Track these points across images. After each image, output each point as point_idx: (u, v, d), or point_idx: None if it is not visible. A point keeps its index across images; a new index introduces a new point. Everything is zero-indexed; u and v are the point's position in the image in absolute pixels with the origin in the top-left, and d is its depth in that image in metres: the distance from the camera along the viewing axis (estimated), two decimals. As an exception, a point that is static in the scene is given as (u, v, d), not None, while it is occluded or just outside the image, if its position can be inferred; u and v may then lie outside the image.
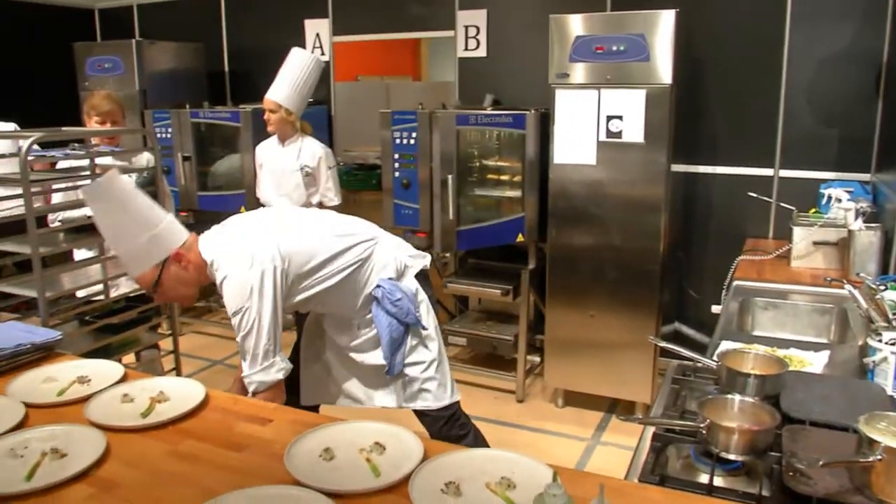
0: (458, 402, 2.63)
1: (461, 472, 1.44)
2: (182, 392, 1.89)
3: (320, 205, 4.13)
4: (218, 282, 2.25)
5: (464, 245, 4.19)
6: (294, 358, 2.67)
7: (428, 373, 2.54)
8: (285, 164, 4.03)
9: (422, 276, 2.60)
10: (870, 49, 3.83)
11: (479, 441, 2.70)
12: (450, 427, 2.60)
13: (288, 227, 2.40)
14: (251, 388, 2.22)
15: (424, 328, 2.52)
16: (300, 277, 2.30)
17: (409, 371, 2.52)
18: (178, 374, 3.41)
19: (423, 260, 2.64)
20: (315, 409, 2.72)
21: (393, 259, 2.51)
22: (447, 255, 4.29)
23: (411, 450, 1.54)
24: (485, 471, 1.44)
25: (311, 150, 4.05)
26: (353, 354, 2.57)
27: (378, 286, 2.43)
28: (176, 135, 5.09)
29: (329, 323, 2.61)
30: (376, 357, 2.51)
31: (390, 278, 2.46)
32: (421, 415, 2.60)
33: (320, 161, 4.06)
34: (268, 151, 4.13)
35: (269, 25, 5.59)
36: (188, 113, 5.05)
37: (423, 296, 2.55)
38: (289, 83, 3.94)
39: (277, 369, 2.22)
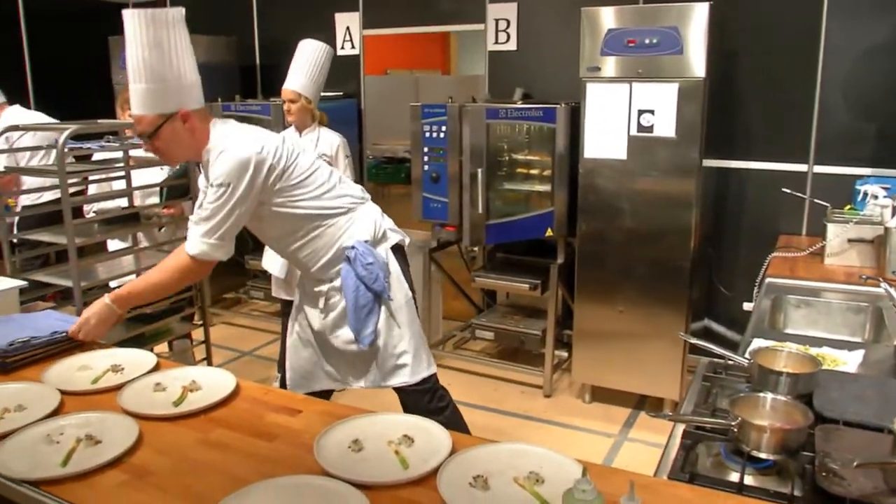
0: (435, 375, 2.65)
1: (489, 466, 1.44)
2: (213, 382, 1.92)
3: None
4: (212, 158, 2.24)
5: (492, 239, 4.18)
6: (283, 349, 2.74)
7: (401, 347, 2.54)
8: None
9: (399, 253, 2.62)
10: (908, 42, 3.75)
11: (457, 414, 2.74)
12: (430, 400, 2.62)
13: (302, 147, 2.48)
14: (192, 250, 2.25)
15: (391, 298, 2.50)
16: (287, 188, 2.33)
17: (381, 344, 2.52)
18: (209, 363, 3.46)
19: (402, 236, 2.67)
20: (327, 395, 2.78)
21: (373, 224, 2.52)
22: (475, 249, 4.29)
23: (440, 443, 1.54)
24: (513, 465, 1.44)
25: (328, 139, 4.05)
26: (327, 335, 2.59)
27: (353, 247, 2.43)
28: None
29: (303, 297, 2.66)
30: (347, 333, 2.51)
31: (366, 241, 2.47)
32: (402, 392, 2.62)
33: (338, 150, 4.06)
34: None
35: (299, 19, 5.61)
36: (220, 106, 5.09)
37: (395, 268, 2.56)
38: (304, 72, 3.93)
39: (225, 252, 2.31)
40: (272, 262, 4.11)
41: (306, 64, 3.96)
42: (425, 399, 2.61)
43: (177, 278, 2.32)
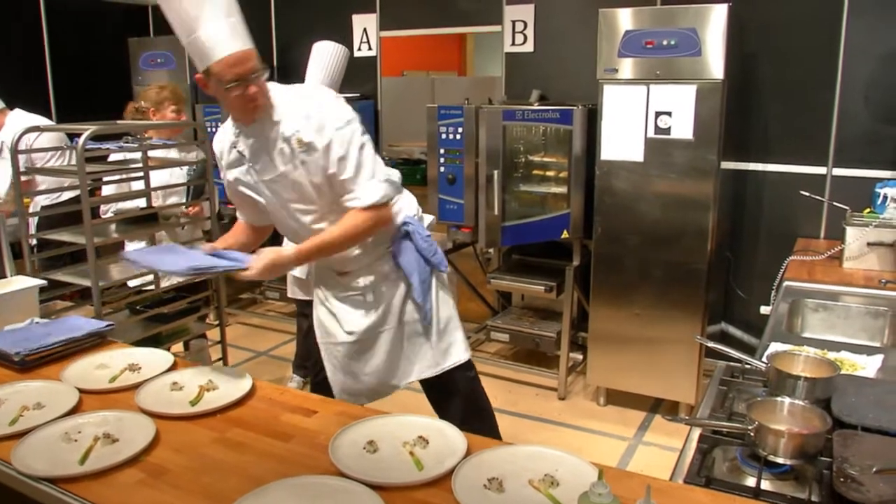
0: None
1: (504, 469, 1.44)
2: (229, 381, 1.93)
3: None
4: (305, 113, 2.08)
5: (508, 241, 4.17)
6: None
7: (452, 322, 2.51)
8: None
9: None
10: (930, 44, 3.71)
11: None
12: (475, 382, 2.60)
13: None
14: (370, 199, 2.10)
15: (444, 269, 2.46)
16: None
17: (435, 320, 2.46)
18: (225, 363, 3.48)
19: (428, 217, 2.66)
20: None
21: (415, 204, 2.52)
22: (490, 250, 4.29)
23: (455, 444, 1.54)
24: (528, 468, 1.44)
25: None
26: (378, 330, 2.45)
27: (407, 222, 2.38)
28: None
29: (329, 308, 2.49)
30: (411, 313, 2.43)
31: (413, 215, 2.43)
32: (450, 380, 2.53)
33: None
34: None
35: (316, 21, 5.63)
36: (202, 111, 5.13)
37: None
38: (320, 74, 3.91)
39: (398, 179, 2.21)
40: None
41: (321, 65, 3.97)
42: (475, 382, 2.56)
43: (364, 229, 2.17)
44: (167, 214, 3.46)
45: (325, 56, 3.95)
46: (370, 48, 5.47)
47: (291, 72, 5.82)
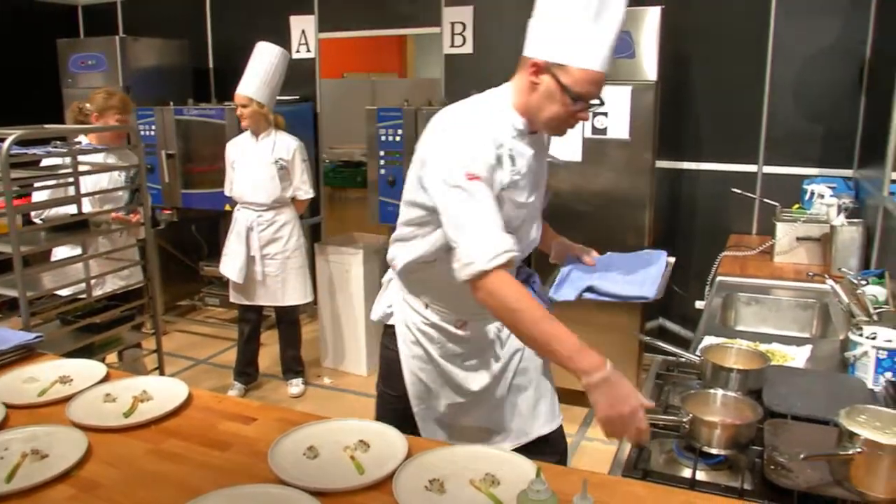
0: None
1: (445, 470, 1.43)
2: (165, 391, 1.88)
3: (294, 199, 4.12)
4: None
5: (449, 242, 4.18)
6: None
7: None
8: (260, 158, 4.00)
9: None
10: (853, 44, 3.86)
11: None
12: None
13: None
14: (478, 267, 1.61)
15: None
16: None
17: None
18: (162, 373, 3.40)
19: None
20: None
21: None
22: (432, 252, 4.29)
23: (395, 447, 1.53)
24: (469, 468, 1.44)
25: (285, 143, 4.04)
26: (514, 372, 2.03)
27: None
28: (160, 132, 5.06)
29: (462, 359, 1.98)
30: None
31: None
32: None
33: (295, 154, 4.05)
34: (240, 147, 4.09)
35: (253, 22, 5.55)
36: (172, 110, 5.02)
37: None
38: (257, 77, 3.92)
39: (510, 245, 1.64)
40: (231, 266, 4.06)
41: (260, 68, 3.93)
42: None
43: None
44: (98, 221, 3.36)
45: (262, 59, 3.93)
46: (309, 50, 5.42)
47: (228, 74, 5.73)
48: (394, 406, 2.02)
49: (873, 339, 1.92)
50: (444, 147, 1.71)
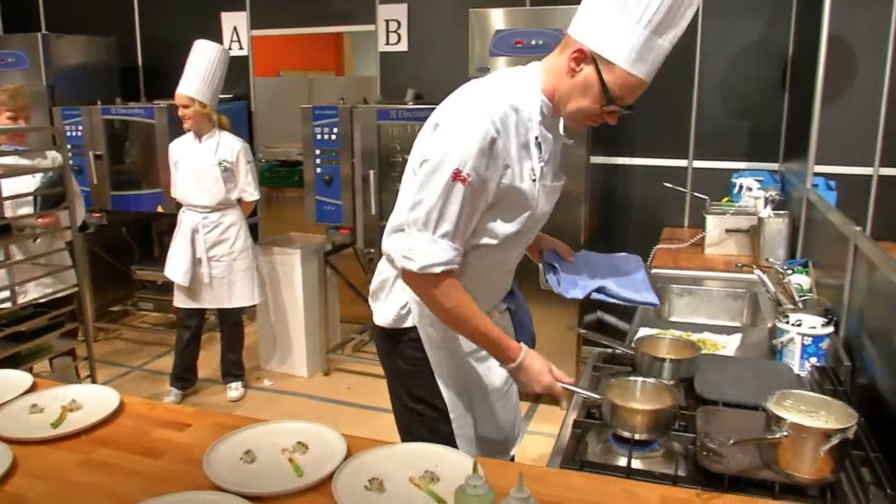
0: None
1: (385, 468, 1.43)
2: (95, 400, 1.82)
3: (239, 201, 4.05)
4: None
5: (387, 240, 4.17)
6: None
7: None
8: (203, 159, 3.92)
9: None
10: (776, 44, 4.00)
11: None
12: None
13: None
14: (402, 262, 1.63)
15: None
16: None
17: None
18: (94, 381, 3.30)
19: None
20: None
21: None
22: (371, 250, 4.27)
23: (335, 448, 1.52)
24: (408, 465, 1.44)
25: (229, 144, 3.96)
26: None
27: None
28: (87, 133, 4.89)
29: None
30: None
31: None
32: None
33: (239, 155, 3.97)
34: (183, 148, 4.00)
35: (183, 19, 5.43)
36: (99, 110, 4.86)
37: None
38: (198, 76, 3.83)
39: (454, 252, 1.60)
40: (177, 269, 3.95)
41: (200, 66, 3.84)
42: None
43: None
44: (20, 226, 3.23)
45: (201, 57, 3.84)
46: (241, 47, 5.33)
47: (159, 72, 5.59)
48: (437, 424, 1.82)
49: (799, 326, 1.99)
50: (456, 124, 1.60)
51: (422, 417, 1.84)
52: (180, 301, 4.07)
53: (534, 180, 1.66)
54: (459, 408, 1.82)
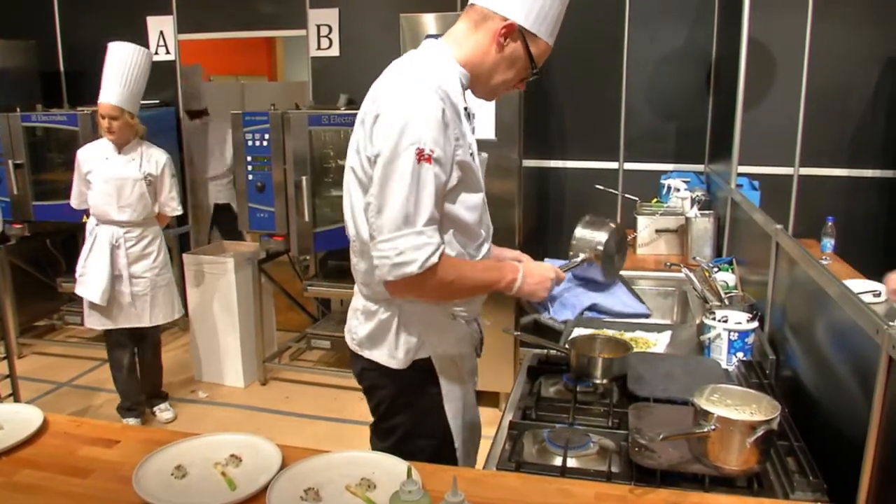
0: None
1: (320, 477, 1.41)
2: (16, 419, 1.75)
3: (160, 216, 3.88)
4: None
5: (321, 246, 4.13)
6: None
7: None
8: (127, 172, 3.69)
9: None
10: (701, 48, 4.12)
11: None
12: None
13: None
14: (398, 270, 1.53)
15: None
16: None
17: None
18: (17, 399, 3.17)
19: None
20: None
21: None
22: (307, 257, 4.23)
23: (269, 459, 1.49)
24: (344, 473, 1.42)
25: (154, 157, 3.76)
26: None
27: None
28: (6, 141, 4.70)
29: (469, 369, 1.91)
30: None
31: None
32: None
33: (164, 169, 3.79)
34: (98, 158, 3.72)
35: (107, 22, 5.27)
36: (19, 117, 4.68)
37: None
38: (122, 82, 3.60)
39: (438, 234, 1.55)
40: (93, 287, 3.71)
41: (123, 72, 3.61)
42: None
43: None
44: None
45: (123, 61, 3.62)
46: (168, 52, 5.21)
47: (82, 78, 5.41)
48: (437, 457, 1.71)
49: (725, 322, 2.05)
50: (402, 103, 1.53)
51: (422, 451, 1.72)
52: (95, 322, 3.80)
53: (472, 155, 1.64)
54: (460, 432, 1.80)
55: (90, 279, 3.73)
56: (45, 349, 5.13)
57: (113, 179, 3.68)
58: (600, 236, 1.83)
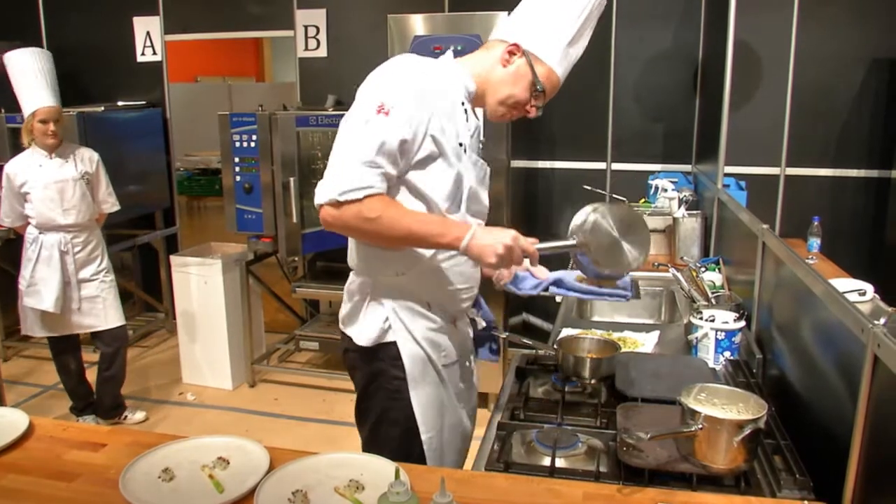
0: None
1: (309, 479, 1.41)
2: (2, 423, 1.73)
3: (98, 216, 3.83)
4: None
5: (309, 248, 4.12)
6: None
7: None
8: (65, 174, 3.63)
9: None
10: (687, 48, 4.14)
11: None
12: None
13: None
14: (318, 195, 1.62)
15: None
16: None
17: None
18: (2, 403, 3.15)
19: None
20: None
21: None
22: (295, 259, 4.22)
23: (257, 461, 1.49)
24: (333, 475, 1.42)
25: (86, 155, 3.73)
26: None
27: None
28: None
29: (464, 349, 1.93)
30: None
31: None
32: None
33: (98, 165, 3.76)
34: (31, 168, 3.61)
35: (93, 23, 5.25)
36: (4, 118, 4.65)
37: None
38: (45, 84, 3.55)
39: (379, 179, 1.58)
40: (46, 296, 3.64)
41: (42, 74, 3.57)
42: None
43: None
44: None
45: (36, 65, 3.56)
46: (155, 52, 5.18)
47: (66, 79, 5.36)
48: (405, 445, 1.76)
49: (712, 321, 2.06)
50: (382, 76, 1.66)
51: (391, 438, 1.78)
52: (48, 330, 3.75)
53: (460, 144, 1.69)
54: (431, 424, 1.78)
55: (41, 288, 3.66)
56: (31, 352, 5.09)
57: (53, 184, 3.61)
58: (590, 217, 1.66)
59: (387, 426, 1.79)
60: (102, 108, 4.78)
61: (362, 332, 1.76)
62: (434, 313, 1.78)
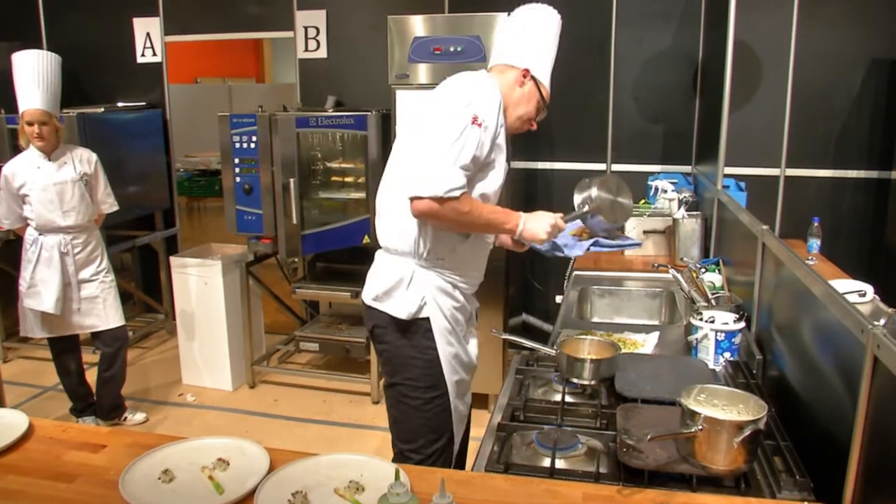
0: None
1: (308, 481, 1.41)
2: (1, 424, 1.73)
3: (97, 217, 3.83)
4: None
5: (309, 249, 4.12)
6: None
7: None
8: (64, 176, 3.62)
9: None
10: (687, 49, 4.14)
11: None
12: None
13: None
14: (419, 188, 1.92)
15: None
16: None
17: None
18: (2, 404, 3.14)
19: None
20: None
21: None
22: (295, 259, 4.21)
23: (257, 462, 1.49)
24: (332, 476, 1.42)
25: (85, 156, 3.72)
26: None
27: None
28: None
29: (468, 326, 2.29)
30: None
31: None
32: None
33: (96, 166, 3.75)
34: (29, 169, 3.60)
35: (93, 24, 5.25)
36: (4, 119, 4.65)
37: None
38: (42, 87, 3.55)
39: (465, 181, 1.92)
40: (47, 298, 3.64)
41: (39, 77, 3.56)
42: None
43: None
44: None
45: (38, 67, 3.56)
46: (155, 53, 5.18)
47: (66, 81, 5.36)
48: (441, 409, 2.12)
49: (712, 322, 2.06)
50: (467, 89, 2.01)
51: (419, 401, 2.11)
52: (40, 331, 3.74)
53: (497, 151, 2.05)
54: (454, 389, 2.12)
55: (41, 289, 3.66)
56: (31, 353, 5.08)
57: (52, 186, 3.61)
58: (592, 190, 2.13)
59: (420, 391, 2.09)
60: (102, 109, 4.78)
61: (402, 307, 2.06)
62: (457, 293, 2.12)
